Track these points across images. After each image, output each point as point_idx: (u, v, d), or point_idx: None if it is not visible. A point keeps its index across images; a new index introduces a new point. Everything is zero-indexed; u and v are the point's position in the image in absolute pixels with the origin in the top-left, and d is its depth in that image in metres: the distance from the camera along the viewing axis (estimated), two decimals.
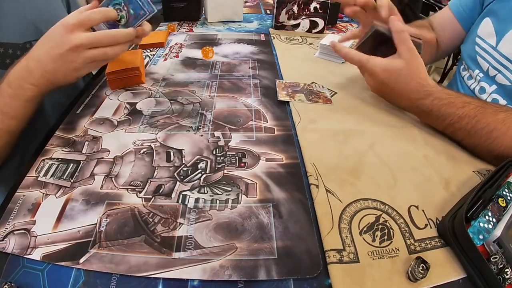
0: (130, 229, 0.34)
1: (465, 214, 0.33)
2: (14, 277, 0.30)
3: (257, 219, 0.36)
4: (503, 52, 0.58)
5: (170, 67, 0.68)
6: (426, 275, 0.30)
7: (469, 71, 0.68)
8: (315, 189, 0.39)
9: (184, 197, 0.38)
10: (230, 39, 0.83)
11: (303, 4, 0.85)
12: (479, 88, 0.63)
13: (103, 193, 0.38)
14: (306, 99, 0.58)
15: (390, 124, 0.52)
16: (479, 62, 0.64)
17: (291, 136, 0.49)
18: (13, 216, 0.35)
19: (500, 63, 0.59)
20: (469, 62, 0.67)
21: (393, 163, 0.44)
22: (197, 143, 0.46)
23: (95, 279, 0.30)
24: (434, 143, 0.49)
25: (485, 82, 0.62)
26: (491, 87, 0.61)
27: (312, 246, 0.34)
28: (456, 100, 0.46)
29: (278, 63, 0.72)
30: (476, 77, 0.64)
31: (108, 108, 0.53)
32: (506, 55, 0.58)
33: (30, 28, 0.46)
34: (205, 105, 0.55)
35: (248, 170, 0.42)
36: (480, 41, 0.64)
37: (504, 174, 0.38)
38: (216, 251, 0.33)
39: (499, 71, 0.59)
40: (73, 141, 0.46)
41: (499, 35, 0.60)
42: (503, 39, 0.59)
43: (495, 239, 0.32)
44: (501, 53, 0.59)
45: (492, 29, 0.62)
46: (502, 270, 0.30)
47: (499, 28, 0.61)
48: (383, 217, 0.37)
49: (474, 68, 0.65)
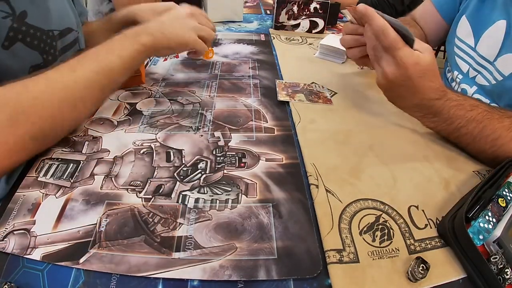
0: (130, 229, 0.34)
1: (465, 214, 0.33)
2: (14, 277, 0.30)
3: (257, 219, 0.36)
4: (481, 53, 0.58)
5: (170, 67, 0.68)
6: (426, 275, 0.30)
7: (451, 73, 0.67)
8: (315, 189, 0.39)
9: (184, 197, 0.38)
10: (230, 39, 0.83)
11: (303, 4, 0.85)
12: (460, 91, 0.62)
13: (103, 193, 0.38)
14: (306, 99, 0.58)
15: (390, 124, 0.52)
16: (458, 64, 0.62)
17: (291, 136, 0.49)
18: (13, 216, 0.35)
19: (480, 64, 0.58)
20: (451, 63, 0.67)
21: (393, 163, 0.44)
22: (197, 143, 0.46)
23: (95, 279, 0.30)
24: (434, 143, 0.48)
25: (466, 83, 0.61)
26: (472, 88, 0.60)
27: (312, 246, 0.34)
28: (465, 102, 0.44)
29: (278, 63, 0.72)
30: (456, 79, 0.63)
31: (108, 108, 0.53)
32: (485, 56, 0.57)
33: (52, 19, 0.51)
34: (205, 105, 0.55)
35: (248, 170, 0.42)
36: (459, 42, 0.63)
37: (504, 174, 0.38)
38: (216, 251, 0.33)
39: (479, 72, 0.58)
40: (73, 141, 0.46)
41: (476, 35, 0.59)
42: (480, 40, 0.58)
43: (495, 239, 0.32)
44: (480, 54, 0.58)
45: (469, 28, 0.60)
46: (502, 270, 0.30)
47: (475, 28, 0.59)
48: (383, 217, 0.37)
49: (454, 70, 0.64)
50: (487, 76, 0.56)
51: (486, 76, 0.57)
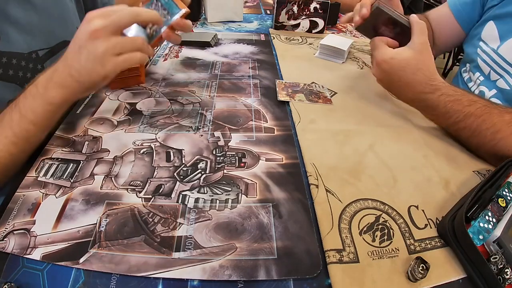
0: (130, 229, 0.34)
1: (465, 214, 0.33)
2: (14, 277, 0.30)
3: (257, 219, 0.36)
4: (504, 55, 0.58)
5: (170, 67, 0.68)
6: (426, 275, 0.30)
7: (469, 73, 0.67)
8: (315, 189, 0.39)
9: (184, 197, 0.38)
10: (230, 39, 0.83)
11: (303, 4, 0.85)
12: (478, 92, 0.63)
13: (103, 193, 0.38)
14: (306, 99, 0.58)
15: (390, 124, 0.52)
16: (480, 66, 0.63)
17: (291, 136, 0.49)
18: (13, 216, 0.35)
19: (502, 68, 0.58)
20: (471, 65, 0.66)
21: (393, 163, 0.44)
22: (197, 143, 0.46)
23: (95, 279, 0.30)
24: (434, 143, 0.49)
25: (485, 86, 0.61)
26: (491, 91, 0.60)
27: (312, 246, 0.34)
28: (463, 98, 0.46)
29: (278, 63, 0.72)
30: (476, 81, 0.64)
31: (108, 108, 0.53)
32: (507, 59, 0.57)
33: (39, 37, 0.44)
34: (205, 105, 0.55)
35: (248, 170, 0.42)
36: (482, 45, 0.63)
37: (504, 174, 0.38)
38: (216, 251, 0.33)
39: (501, 76, 0.58)
40: (73, 141, 0.46)
41: (503, 39, 0.59)
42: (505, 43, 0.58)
43: (495, 239, 0.32)
44: (502, 57, 0.58)
45: (496, 32, 0.61)
46: (502, 270, 0.30)
47: (503, 33, 0.60)
48: (383, 217, 0.37)
49: (475, 71, 0.64)
50: (509, 81, 0.57)
51: (508, 81, 0.57)
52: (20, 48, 0.41)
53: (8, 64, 0.40)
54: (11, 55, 0.40)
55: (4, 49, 0.39)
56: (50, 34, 0.45)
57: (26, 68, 0.42)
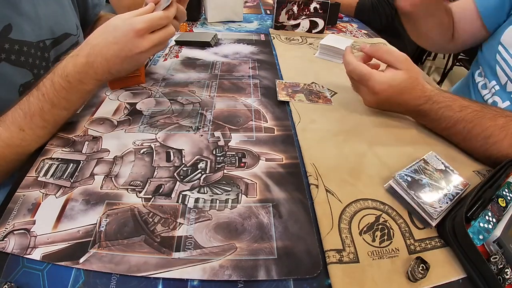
0: (130, 229, 0.34)
1: (465, 214, 0.33)
2: (14, 277, 0.30)
3: (257, 219, 0.36)
4: None
5: (170, 67, 0.68)
6: (426, 275, 0.30)
7: (485, 79, 0.63)
8: (315, 189, 0.39)
9: (184, 197, 0.38)
10: (230, 39, 0.83)
11: (303, 4, 0.85)
12: (491, 102, 0.59)
13: (103, 193, 0.38)
14: (306, 99, 0.58)
15: (390, 124, 0.52)
16: (498, 73, 0.59)
17: (291, 136, 0.49)
18: (13, 216, 0.35)
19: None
20: (486, 70, 0.62)
21: (393, 163, 0.44)
22: (197, 143, 0.46)
23: (95, 279, 0.30)
24: (434, 143, 0.48)
25: (499, 96, 0.58)
26: (504, 103, 0.57)
27: (312, 246, 0.34)
28: (453, 104, 0.45)
29: (278, 63, 0.72)
30: (492, 89, 0.60)
31: (108, 108, 0.53)
32: None
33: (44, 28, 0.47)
34: (205, 105, 0.55)
35: (248, 170, 0.42)
36: (502, 50, 0.59)
37: (504, 174, 0.38)
38: (216, 251, 0.33)
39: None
40: (73, 141, 0.46)
41: None
42: None
43: (495, 239, 0.32)
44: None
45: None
46: (502, 270, 0.30)
47: None
48: (383, 217, 0.37)
49: (491, 78, 0.60)
50: None
51: None
52: (30, 37, 0.45)
53: (20, 51, 0.44)
54: (23, 43, 0.44)
55: (17, 37, 0.43)
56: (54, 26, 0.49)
57: (35, 56, 0.46)
